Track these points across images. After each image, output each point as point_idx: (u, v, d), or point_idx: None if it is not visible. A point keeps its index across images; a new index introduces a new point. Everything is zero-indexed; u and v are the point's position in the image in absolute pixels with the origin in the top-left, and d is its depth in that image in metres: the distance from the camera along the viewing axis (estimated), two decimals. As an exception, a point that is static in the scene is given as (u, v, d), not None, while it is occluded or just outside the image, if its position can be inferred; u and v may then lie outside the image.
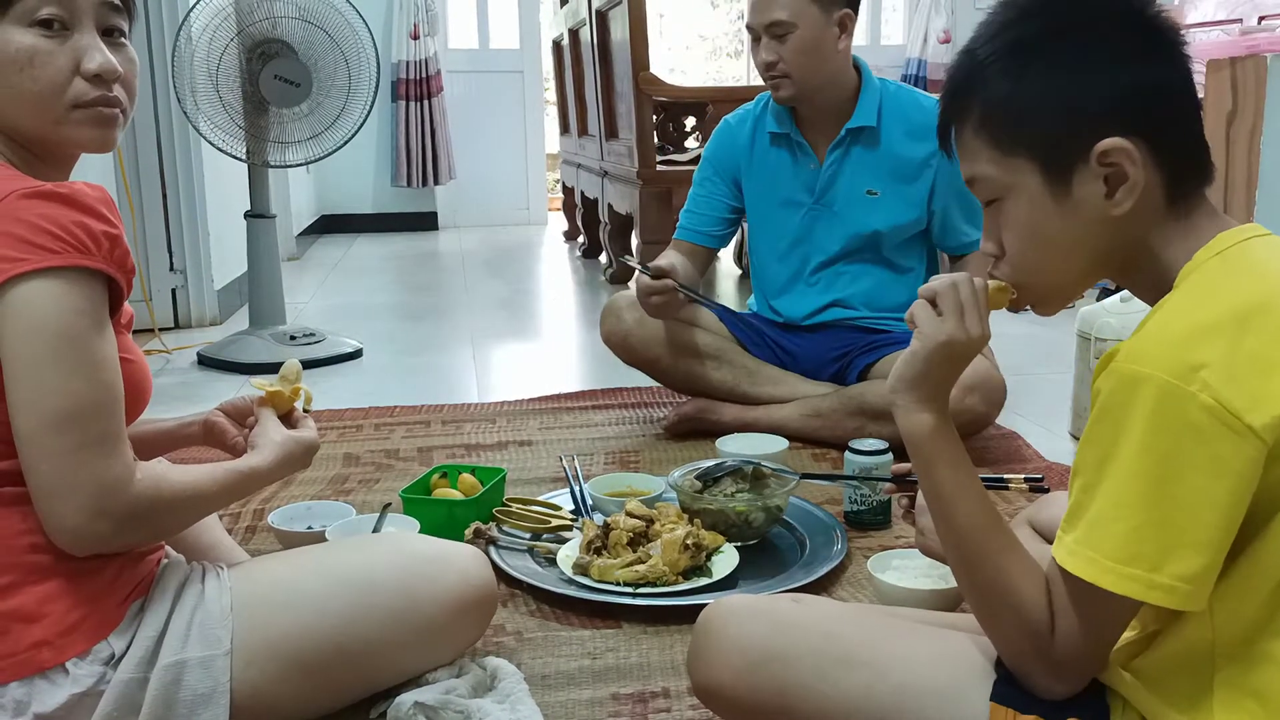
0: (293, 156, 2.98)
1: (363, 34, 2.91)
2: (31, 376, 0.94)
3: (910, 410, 0.90)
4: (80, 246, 0.96)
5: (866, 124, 2.15)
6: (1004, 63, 0.85)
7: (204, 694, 1.04)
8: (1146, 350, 0.76)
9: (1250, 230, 0.83)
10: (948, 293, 0.90)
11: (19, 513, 0.98)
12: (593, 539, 1.55)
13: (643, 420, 2.42)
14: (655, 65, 3.94)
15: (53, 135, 1.05)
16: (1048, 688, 0.83)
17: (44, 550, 0.99)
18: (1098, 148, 0.81)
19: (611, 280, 4.43)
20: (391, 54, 6.20)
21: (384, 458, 2.17)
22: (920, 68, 6.55)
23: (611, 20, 4.20)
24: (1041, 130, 0.83)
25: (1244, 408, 0.72)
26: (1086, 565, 0.76)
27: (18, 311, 0.94)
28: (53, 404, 0.95)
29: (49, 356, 0.94)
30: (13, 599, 0.97)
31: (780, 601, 0.99)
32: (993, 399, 1.99)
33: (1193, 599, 0.75)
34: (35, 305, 0.94)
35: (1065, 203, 0.84)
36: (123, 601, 1.03)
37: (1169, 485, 0.73)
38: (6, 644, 0.97)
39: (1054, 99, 0.82)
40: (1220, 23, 4.29)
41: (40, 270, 0.94)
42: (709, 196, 2.30)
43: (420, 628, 1.17)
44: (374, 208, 6.53)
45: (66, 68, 1.03)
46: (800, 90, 2.12)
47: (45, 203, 0.95)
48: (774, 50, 2.09)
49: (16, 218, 0.94)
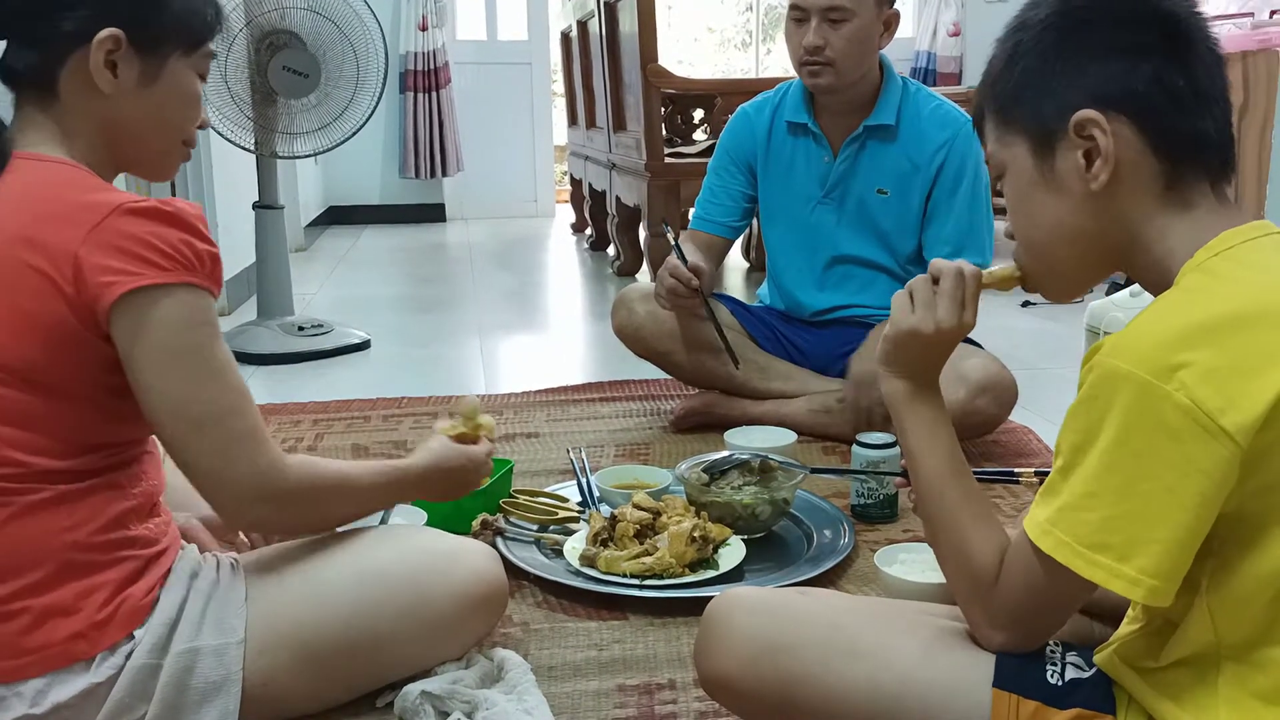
0: (301, 148, 2.98)
1: (371, 25, 2.91)
2: (164, 388, 1.01)
3: (886, 378, 0.99)
4: (187, 264, 1.01)
5: (885, 122, 2.13)
6: (1010, 42, 0.89)
7: (216, 682, 1.05)
8: (1130, 346, 0.76)
9: (1259, 228, 0.82)
10: (922, 287, 0.97)
11: (65, 510, 1.00)
12: (600, 531, 1.55)
13: (650, 413, 2.42)
14: (663, 57, 3.93)
15: (152, 161, 1.14)
16: (986, 637, 0.88)
17: (84, 548, 1.01)
18: (1074, 118, 0.84)
19: (619, 273, 4.43)
20: (399, 45, 6.19)
21: (392, 449, 2.17)
22: (930, 60, 6.54)
23: (620, 12, 4.19)
24: (1028, 109, 0.87)
25: (1219, 409, 0.72)
26: (1058, 546, 0.79)
27: (139, 324, 0.99)
28: (193, 411, 1.02)
29: (177, 369, 1.01)
30: (51, 593, 0.99)
31: (787, 593, 1.00)
32: (1003, 400, 1.99)
33: (1157, 594, 0.75)
34: (156, 320, 0.99)
35: (1050, 179, 0.87)
36: (147, 594, 1.04)
37: (1140, 482, 0.75)
38: (41, 636, 0.99)
39: (1039, 80, 0.86)
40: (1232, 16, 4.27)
41: (156, 285, 0.99)
42: (725, 186, 2.28)
43: (431, 622, 1.18)
44: (382, 199, 6.53)
45: (199, 113, 1.16)
46: (839, 80, 2.08)
47: (152, 221, 1.00)
48: (823, 35, 2.04)
49: (126, 232, 0.99)
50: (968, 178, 2.12)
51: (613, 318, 2.28)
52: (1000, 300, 2.35)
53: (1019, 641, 0.87)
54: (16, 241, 0.99)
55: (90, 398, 1.02)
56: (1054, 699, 0.84)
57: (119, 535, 1.04)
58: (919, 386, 0.98)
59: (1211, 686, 0.78)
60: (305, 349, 2.98)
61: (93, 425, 1.03)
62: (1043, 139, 0.87)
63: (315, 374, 2.87)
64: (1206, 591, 0.77)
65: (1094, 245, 0.88)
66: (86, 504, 1.02)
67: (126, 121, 1.09)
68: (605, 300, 3.95)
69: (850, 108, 2.15)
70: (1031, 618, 0.86)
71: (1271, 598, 0.75)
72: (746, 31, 9.32)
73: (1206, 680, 0.78)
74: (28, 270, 0.98)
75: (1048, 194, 0.88)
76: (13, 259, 0.99)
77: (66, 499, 1.01)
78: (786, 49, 2.15)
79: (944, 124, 2.12)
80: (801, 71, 2.11)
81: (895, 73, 2.17)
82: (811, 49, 2.05)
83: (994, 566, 0.87)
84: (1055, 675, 0.85)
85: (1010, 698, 0.84)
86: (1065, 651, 0.88)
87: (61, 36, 1.05)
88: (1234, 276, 0.79)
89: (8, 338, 0.98)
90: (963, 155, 2.11)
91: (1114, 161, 0.83)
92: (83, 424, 1.02)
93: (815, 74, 2.08)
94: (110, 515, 1.03)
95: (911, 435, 0.97)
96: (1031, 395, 2.22)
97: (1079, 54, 0.85)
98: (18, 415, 0.99)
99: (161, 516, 1.11)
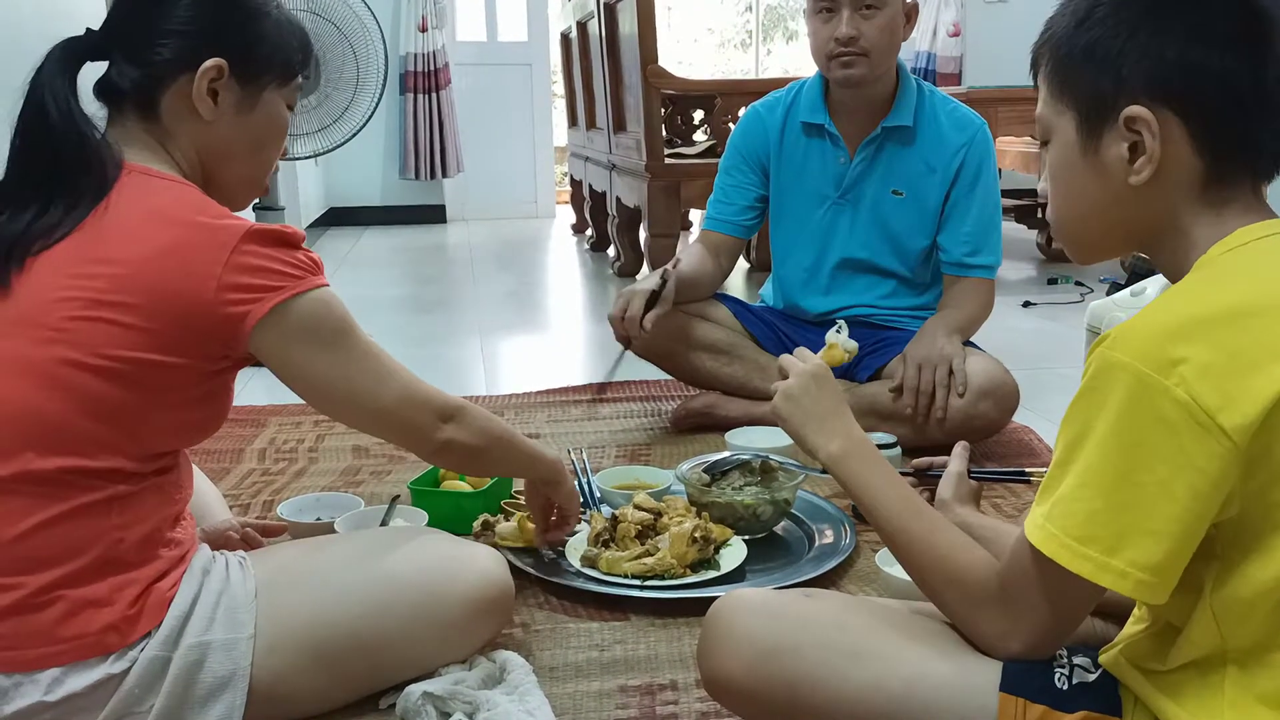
0: (301, 149, 2.98)
1: (371, 27, 2.91)
2: (335, 374, 1.12)
3: (816, 448, 1.08)
4: (313, 269, 1.11)
5: (904, 123, 2.12)
6: (1076, 8, 0.86)
7: (224, 677, 1.06)
8: (1132, 339, 0.76)
9: (1275, 226, 0.82)
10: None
11: (117, 510, 1.04)
12: (601, 532, 1.55)
13: (651, 414, 2.42)
14: (663, 58, 3.93)
15: (234, 187, 1.20)
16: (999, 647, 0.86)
17: (126, 546, 1.04)
18: (1125, 112, 0.82)
19: (620, 273, 4.43)
20: (399, 46, 6.19)
21: (394, 449, 2.17)
22: (930, 60, 6.53)
23: (620, 13, 4.19)
24: (1085, 82, 0.85)
25: (1217, 406, 0.72)
26: (1047, 540, 0.78)
27: (290, 331, 1.08)
28: (368, 384, 1.14)
29: (340, 354, 1.12)
30: (90, 585, 1.01)
31: (790, 595, 1.00)
32: (1005, 404, 1.99)
33: (1150, 590, 0.75)
34: (307, 321, 1.09)
35: (1093, 160, 0.86)
36: (169, 589, 1.06)
37: (1133, 474, 0.75)
38: (77, 625, 1.00)
39: (1103, 55, 0.83)
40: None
41: (297, 295, 1.08)
42: (738, 186, 2.27)
43: (439, 624, 1.19)
44: (382, 200, 6.53)
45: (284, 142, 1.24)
46: (871, 71, 2.06)
47: (275, 246, 1.08)
48: (857, 25, 2.02)
49: (260, 253, 1.07)
50: (984, 180, 2.13)
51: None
52: (1000, 301, 2.34)
53: (1037, 649, 0.85)
54: (161, 255, 1.04)
55: (174, 405, 1.08)
56: (1061, 702, 0.83)
57: (158, 538, 1.07)
58: (844, 444, 1.05)
59: (1217, 689, 0.77)
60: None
61: (167, 431, 1.08)
62: (1093, 120, 0.85)
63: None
64: (1210, 594, 0.77)
65: (1124, 226, 0.87)
66: (137, 507, 1.05)
67: (221, 146, 1.16)
68: (606, 301, 3.95)
69: (869, 108, 2.14)
70: (1045, 620, 0.84)
71: (1276, 604, 0.75)
72: (746, 32, 9.33)
73: (1211, 683, 0.78)
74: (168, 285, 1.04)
75: (1087, 172, 0.86)
76: (154, 269, 1.04)
77: (120, 500, 1.04)
78: (810, 45, 2.13)
79: (962, 127, 2.13)
80: (831, 64, 2.07)
81: (910, 75, 2.17)
82: (846, 40, 2.03)
83: (990, 580, 0.86)
84: (1062, 679, 0.85)
85: (1017, 701, 0.84)
86: (1071, 654, 0.88)
87: (169, 61, 1.12)
88: (1240, 272, 0.79)
89: (139, 339, 1.03)
90: (980, 157, 2.12)
91: (1158, 162, 0.82)
92: (159, 429, 1.07)
93: (849, 64, 2.05)
94: (155, 520, 1.07)
95: (861, 494, 1.02)
96: (1032, 395, 2.22)
97: (1153, 35, 0.81)
98: (106, 410, 1.03)
99: (188, 520, 1.15)
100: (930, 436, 1.95)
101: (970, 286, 2.14)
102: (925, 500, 0.99)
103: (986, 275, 2.15)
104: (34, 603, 0.99)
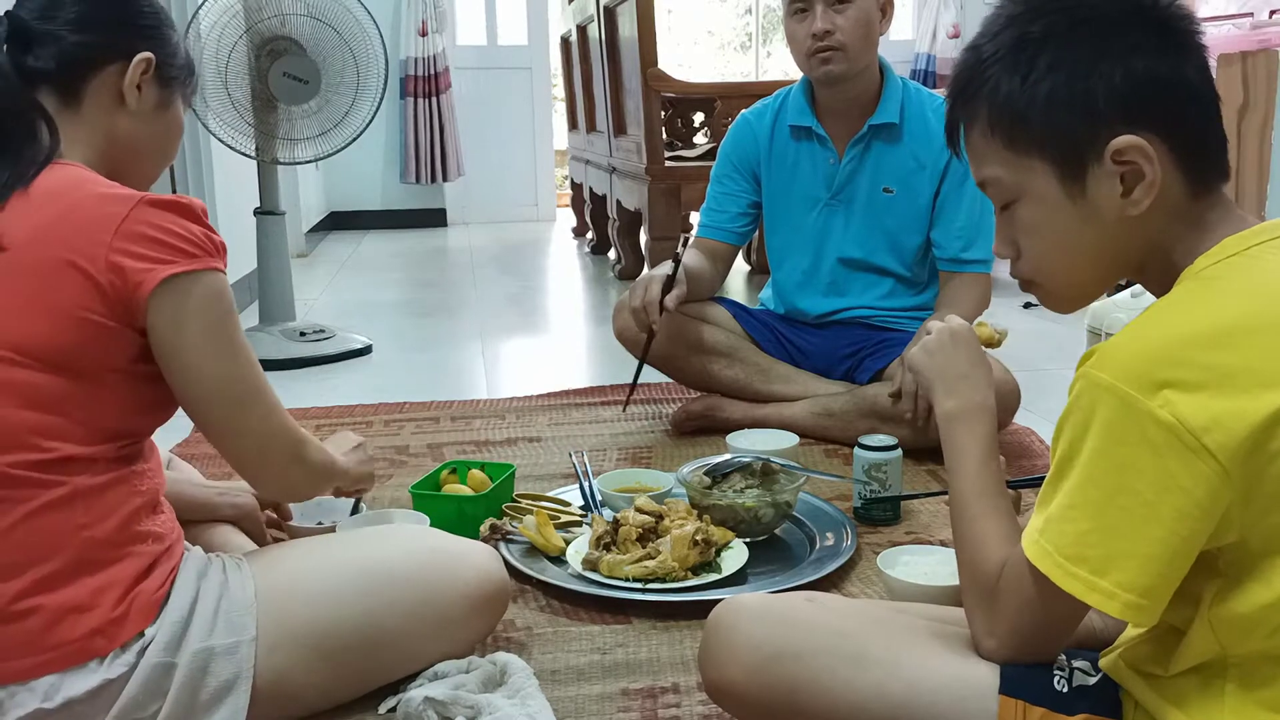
0: (302, 153, 2.98)
1: (371, 31, 2.91)
2: (207, 369, 1.07)
3: (936, 404, 1.04)
4: (211, 251, 1.07)
5: (890, 120, 2.13)
6: (1010, 59, 0.82)
7: (228, 681, 1.07)
8: (1117, 358, 0.75)
9: (1263, 233, 0.80)
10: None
11: (82, 506, 1.02)
12: (602, 535, 1.55)
13: (652, 416, 2.41)
14: (663, 61, 3.93)
15: (137, 185, 1.16)
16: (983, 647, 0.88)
17: (98, 545, 1.03)
18: (1111, 146, 0.79)
19: (620, 276, 4.43)
20: (400, 51, 6.20)
21: (394, 453, 2.17)
22: (929, 62, 6.53)
23: (620, 16, 4.20)
24: (1052, 129, 0.81)
25: (1202, 427, 0.71)
26: (1042, 556, 0.79)
27: (179, 309, 1.04)
28: (236, 390, 1.09)
29: (217, 349, 1.07)
30: (65, 590, 1.01)
31: (792, 600, 1.00)
32: (1006, 405, 1.99)
33: (1137, 612, 0.75)
34: (194, 304, 1.05)
35: (1081, 204, 0.82)
36: (159, 589, 1.06)
37: (1119, 496, 0.74)
38: (60, 633, 1.00)
39: (1063, 96, 0.80)
40: (1231, 17, 4.27)
41: (190, 272, 1.04)
42: (729, 193, 2.28)
43: (438, 619, 1.21)
44: (383, 204, 6.53)
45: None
46: (850, 66, 2.07)
47: (172, 213, 1.05)
48: (830, 20, 2.04)
49: (153, 223, 1.04)
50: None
51: (614, 321, 2.28)
52: (1000, 302, 2.34)
53: (1011, 653, 0.86)
54: (48, 238, 1.02)
55: (117, 384, 1.05)
56: (1061, 706, 0.83)
57: (130, 531, 1.06)
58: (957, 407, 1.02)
59: (1218, 695, 0.77)
60: (307, 354, 2.99)
61: (115, 411, 1.06)
62: (1073, 164, 0.81)
63: (317, 379, 2.87)
64: (1209, 609, 0.76)
65: (1116, 261, 0.86)
66: (103, 501, 1.04)
67: (133, 142, 1.17)
68: (607, 304, 3.95)
69: (854, 107, 2.15)
70: (1024, 628, 0.85)
71: (1276, 626, 0.74)
72: (746, 34, 9.33)
73: (1212, 689, 0.78)
74: (61, 265, 1.01)
75: (1075, 218, 0.83)
76: (46, 255, 1.02)
77: (83, 495, 1.02)
78: (789, 49, 2.15)
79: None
80: (811, 62, 2.09)
81: (894, 73, 2.18)
82: (821, 34, 2.04)
83: (994, 576, 0.87)
84: (1062, 682, 0.85)
85: (1017, 704, 0.84)
86: (1071, 658, 0.88)
87: (102, 47, 1.13)
88: (1229, 286, 0.78)
89: (41, 326, 1.01)
90: None
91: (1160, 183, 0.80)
92: (106, 409, 1.05)
93: (827, 60, 2.06)
94: (124, 512, 1.05)
95: (950, 454, 1.00)
96: (1033, 396, 2.21)
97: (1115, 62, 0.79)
98: (45, 399, 1.01)
99: (165, 514, 1.13)
100: (931, 439, 1.95)
101: (966, 282, 2.14)
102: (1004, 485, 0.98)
103: (982, 270, 2.15)
104: (11, 612, 0.99)
